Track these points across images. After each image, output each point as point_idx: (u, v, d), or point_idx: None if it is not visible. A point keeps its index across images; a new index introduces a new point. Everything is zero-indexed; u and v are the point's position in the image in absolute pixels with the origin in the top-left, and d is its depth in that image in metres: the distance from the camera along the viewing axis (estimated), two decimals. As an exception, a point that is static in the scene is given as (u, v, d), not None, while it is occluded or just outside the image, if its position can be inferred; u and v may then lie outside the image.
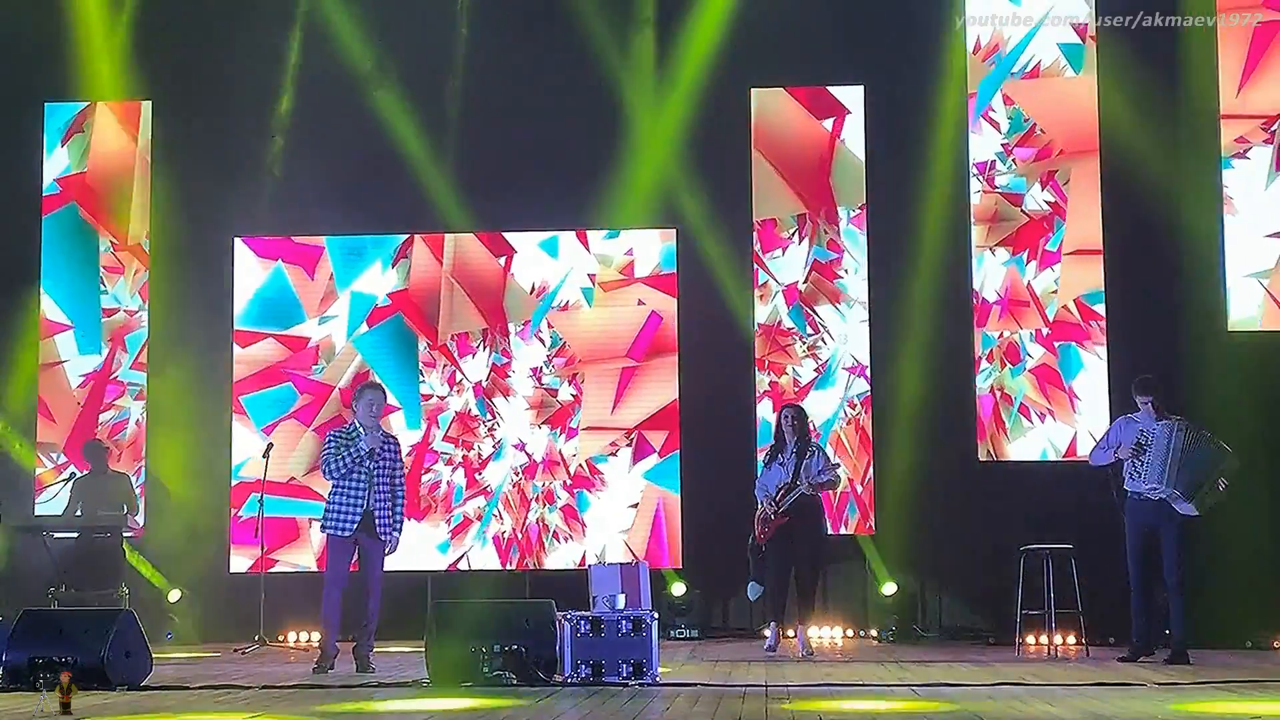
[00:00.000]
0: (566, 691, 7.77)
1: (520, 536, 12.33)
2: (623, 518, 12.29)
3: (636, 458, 12.33)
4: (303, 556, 12.33)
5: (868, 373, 12.18)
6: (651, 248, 12.50)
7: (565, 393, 12.46)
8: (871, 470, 12.03)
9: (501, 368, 12.50)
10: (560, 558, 12.29)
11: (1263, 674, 8.66)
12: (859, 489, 11.99)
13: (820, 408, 12.06)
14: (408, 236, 12.61)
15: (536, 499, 12.35)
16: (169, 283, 12.71)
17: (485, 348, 12.51)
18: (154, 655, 8.49)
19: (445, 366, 12.53)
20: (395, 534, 9.27)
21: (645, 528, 12.23)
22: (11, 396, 12.66)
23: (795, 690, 7.77)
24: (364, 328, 12.59)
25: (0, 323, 12.77)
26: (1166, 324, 11.67)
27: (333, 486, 9.19)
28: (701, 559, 12.15)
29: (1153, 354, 11.50)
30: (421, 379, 12.54)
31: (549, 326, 12.50)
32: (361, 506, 9.13)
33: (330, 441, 9.22)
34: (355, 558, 9.23)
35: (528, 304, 12.53)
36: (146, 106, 12.88)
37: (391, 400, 11.66)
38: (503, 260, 12.60)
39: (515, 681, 8.02)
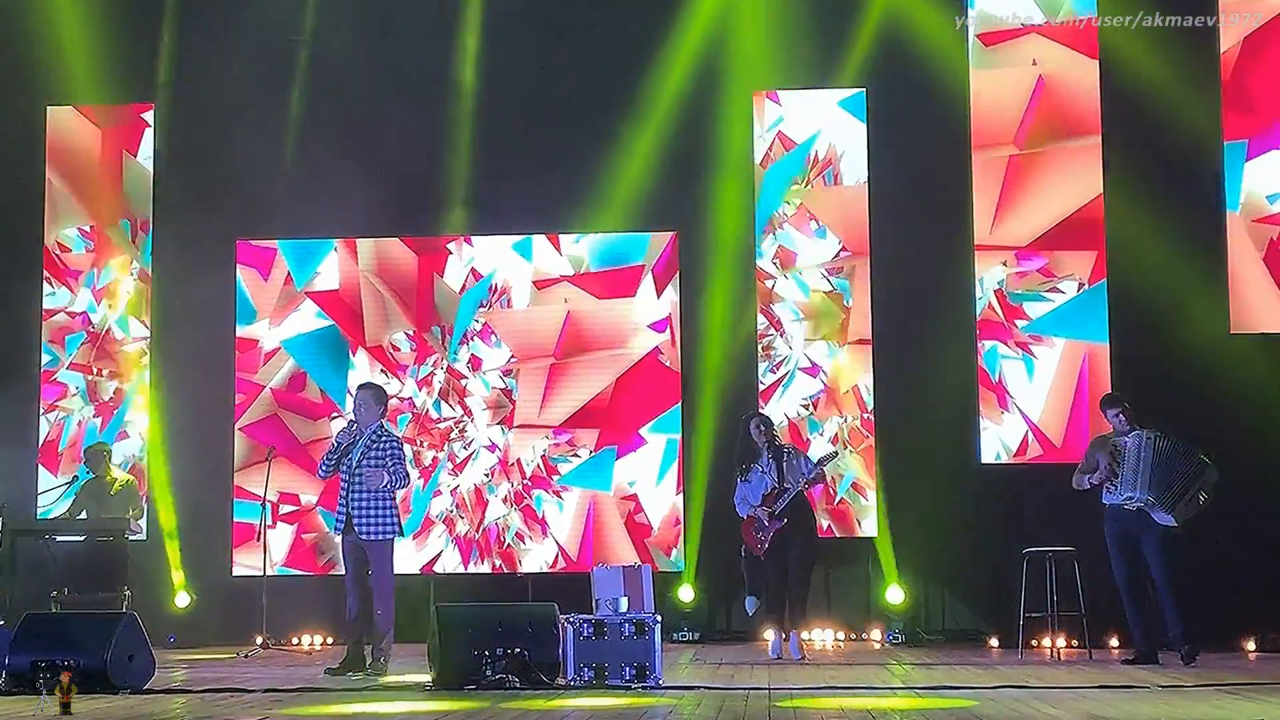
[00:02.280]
0: (569, 694, 7.78)
1: (479, 537, 12.30)
2: (575, 520, 12.26)
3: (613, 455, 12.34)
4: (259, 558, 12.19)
5: (821, 374, 12.15)
6: (606, 249, 12.48)
7: (519, 393, 12.42)
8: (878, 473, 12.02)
9: (457, 369, 12.47)
10: (534, 559, 12.21)
11: (1265, 676, 8.66)
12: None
13: (778, 409, 12.03)
14: (344, 240, 12.57)
15: (505, 500, 12.31)
16: (171, 285, 12.71)
17: (443, 348, 12.48)
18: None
19: (382, 370, 12.46)
20: (367, 525, 9.20)
21: (580, 530, 12.20)
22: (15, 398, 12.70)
23: (798, 692, 7.78)
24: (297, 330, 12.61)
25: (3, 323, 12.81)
26: (1168, 325, 11.65)
27: None
28: (703, 562, 12.14)
29: (1155, 355, 11.51)
30: (391, 379, 12.49)
31: (492, 327, 12.45)
32: (344, 507, 9.25)
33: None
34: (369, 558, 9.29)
35: (466, 305, 12.48)
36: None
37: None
38: (418, 259, 12.59)
39: (519, 685, 8.02)
